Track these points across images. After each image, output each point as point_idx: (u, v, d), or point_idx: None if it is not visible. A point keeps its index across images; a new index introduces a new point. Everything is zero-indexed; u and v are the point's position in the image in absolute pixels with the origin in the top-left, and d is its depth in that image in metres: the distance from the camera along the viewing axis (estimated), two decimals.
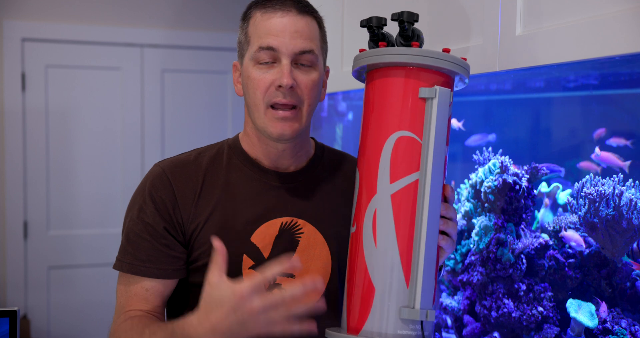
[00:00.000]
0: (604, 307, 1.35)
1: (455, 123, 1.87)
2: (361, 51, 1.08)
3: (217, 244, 0.99)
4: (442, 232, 1.06)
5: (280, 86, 1.11)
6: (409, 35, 1.05)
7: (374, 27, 1.07)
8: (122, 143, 3.45)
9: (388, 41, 1.09)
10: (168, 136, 3.51)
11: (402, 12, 1.03)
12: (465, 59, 1.05)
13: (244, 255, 1.17)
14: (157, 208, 1.17)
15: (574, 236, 1.41)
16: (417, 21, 1.04)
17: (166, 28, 3.47)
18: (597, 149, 1.40)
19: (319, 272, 1.20)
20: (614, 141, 1.35)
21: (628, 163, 1.35)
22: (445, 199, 1.07)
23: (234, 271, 1.16)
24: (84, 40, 3.35)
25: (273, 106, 1.13)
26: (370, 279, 1.01)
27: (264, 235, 1.18)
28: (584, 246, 1.40)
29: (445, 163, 1.03)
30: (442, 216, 1.04)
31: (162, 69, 3.49)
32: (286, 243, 1.19)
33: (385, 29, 1.14)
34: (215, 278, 0.96)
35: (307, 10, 1.17)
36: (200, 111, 3.51)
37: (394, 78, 1.02)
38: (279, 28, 1.12)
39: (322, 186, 1.25)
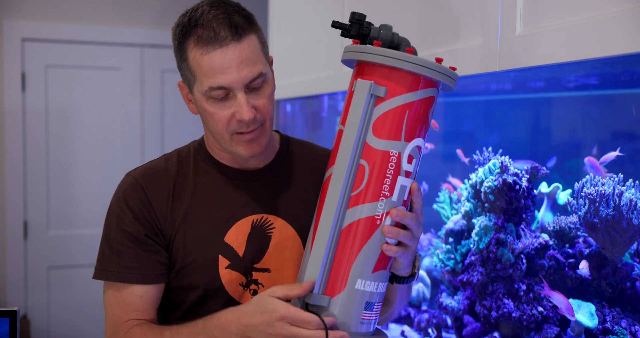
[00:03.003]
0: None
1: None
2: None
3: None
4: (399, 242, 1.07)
5: (241, 120, 1.10)
6: (355, 34, 1.09)
7: (337, 26, 1.10)
8: (122, 143, 3.45)
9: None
10: (168, 136, 3.51)
11: (352, 13, 1.09)
12: (410, 51, 1.04)
13: (220, 256, 1.19)
14: (135, 216, 1.18)
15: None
16: (360, 20, 1.08)
17: (166, 28, 3.47)
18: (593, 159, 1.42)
19: (293, 263, 1.22)
20: (606, 158, 1.39)
21: (609, 175, 1.37)
22: (411, 206, 1.08)
23: (211, 272, 1.18)
24: (84, 40, 3.35)
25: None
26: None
27: (237, 234, 1.20)
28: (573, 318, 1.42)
29: (380, 159, 1.04)
30: (402, 225, 1.05)
31: (162, 69, 3.49)
32: (259, 240, 1.21)
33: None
34: (277, 293, 1.05)
35: (244, 29, 1.10)
36: None
37: (352, 77, 1.09)
38: (224, 65, 1.08)
39: (289, 179, 1.26)
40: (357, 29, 1.08)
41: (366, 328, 1.08)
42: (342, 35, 1.11)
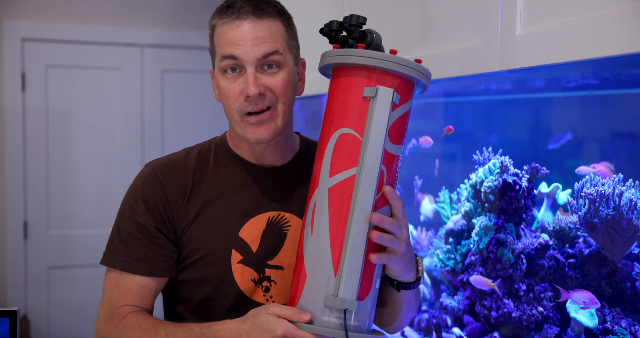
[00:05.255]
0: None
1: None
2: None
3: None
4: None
5: (248, 96, 1.12)
6: (357, 37, 1.08)
7: (326, 31, 1.09)
8: (122, 143, 3.45)
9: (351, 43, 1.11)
10: (168, 136, 3.51)
11: (351, 16, 1.07)
12: (419, 61, 1.06)
13: (233, 250, 1.20)
14: (148, 207, 1.19)
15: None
16: (363, 23, 1.08)
17: (166, 28, 3.47)
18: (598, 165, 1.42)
19: None
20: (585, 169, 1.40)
21: (615, 176, 1.37)
22: (391, 212, 1.07)
23: (223, 266, 1.19)
24: (84, 40, 3.35)
25: (247, 113, 1.15)
26: (304, 266, 1.07)
27: (252, 230, 1.21)
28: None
29: (393, 163, 1.07)
30: (381, 229, 1.05)
31: (162, 69, 3.49)
32: (274, 236, 1.22)
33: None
34: (280, 311, 1.04)
35: (267, 12, 1.15)
36: (200, 111, 3.50)
37: (343, 78, 1.07)
38: (238, 37, 1.12)
39: (307, 179, 1.26)
40: (358, 33, 1.08)
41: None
42: (332, 41, 1.09)
